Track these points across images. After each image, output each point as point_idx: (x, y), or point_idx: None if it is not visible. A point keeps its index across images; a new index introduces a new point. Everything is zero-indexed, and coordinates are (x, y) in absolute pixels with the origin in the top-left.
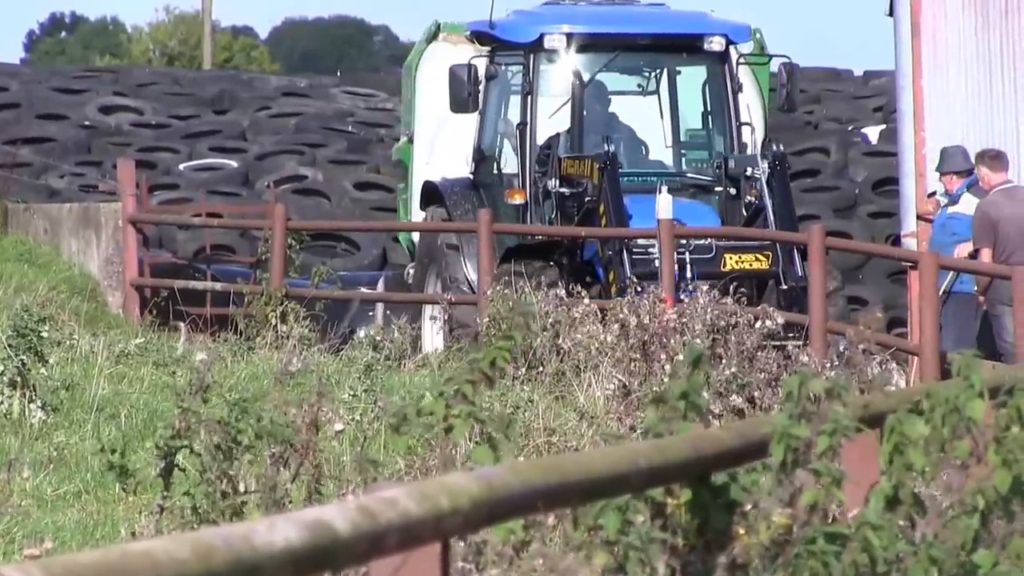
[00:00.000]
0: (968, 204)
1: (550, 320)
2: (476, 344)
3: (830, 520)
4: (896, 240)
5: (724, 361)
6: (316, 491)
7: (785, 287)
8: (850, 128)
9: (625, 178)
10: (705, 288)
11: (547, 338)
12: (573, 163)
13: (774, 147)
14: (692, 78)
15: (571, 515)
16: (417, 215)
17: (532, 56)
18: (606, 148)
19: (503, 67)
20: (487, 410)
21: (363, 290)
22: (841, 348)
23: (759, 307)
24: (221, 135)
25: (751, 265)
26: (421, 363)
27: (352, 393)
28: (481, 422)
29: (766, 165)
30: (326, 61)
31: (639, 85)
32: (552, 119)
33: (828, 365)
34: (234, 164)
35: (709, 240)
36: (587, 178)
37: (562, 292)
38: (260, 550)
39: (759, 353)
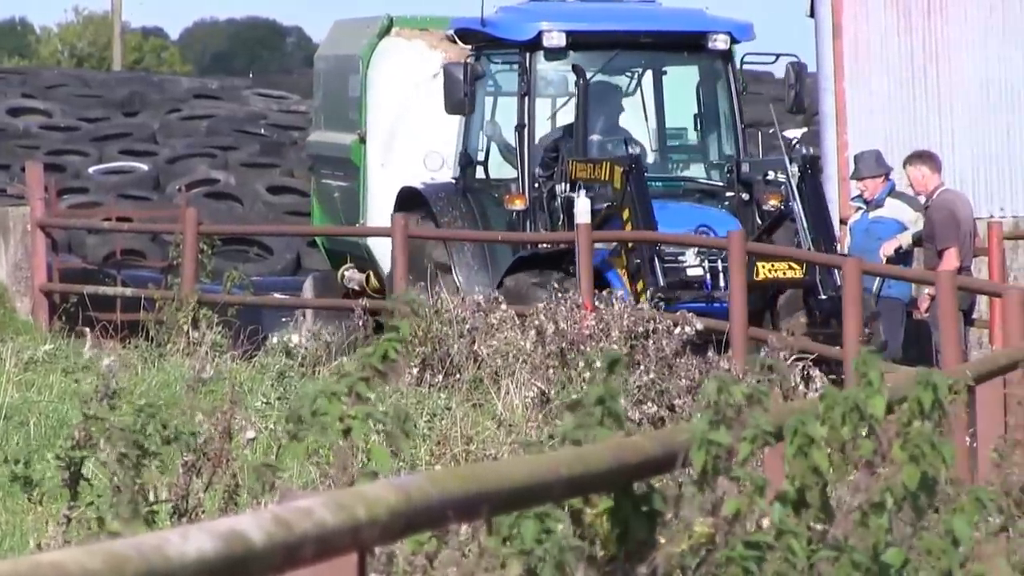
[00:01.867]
0: (892, 208)
1: (467, 326)
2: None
3: (752, 528)
4: None
5: (642, 368)
6: (231, 500)
7: (823, 296)
8: (771, 131)
9: None
10: (622, 294)
11: (464, 345)
12: (585, 166)
13: (803, 150)
14: (692, 78)
15: (486, 524)
16: (375, 219)
17: (529, 55)
18: (628, 150)
19: (490, 67)
20: (388, 411)
21: (277, 295)
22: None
23: (677, 313)
24: (131, 138)
25: (784, 274)
26: (337, 369)
27: (265, 401)
28: (378, 421)
29: (795, 169)
30: (238, 62)
31: (617, 86)
32: (540, 120)
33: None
34: (144, 167)
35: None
36: (603, 182)
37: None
38: (173, 560)
39: (678, 360)
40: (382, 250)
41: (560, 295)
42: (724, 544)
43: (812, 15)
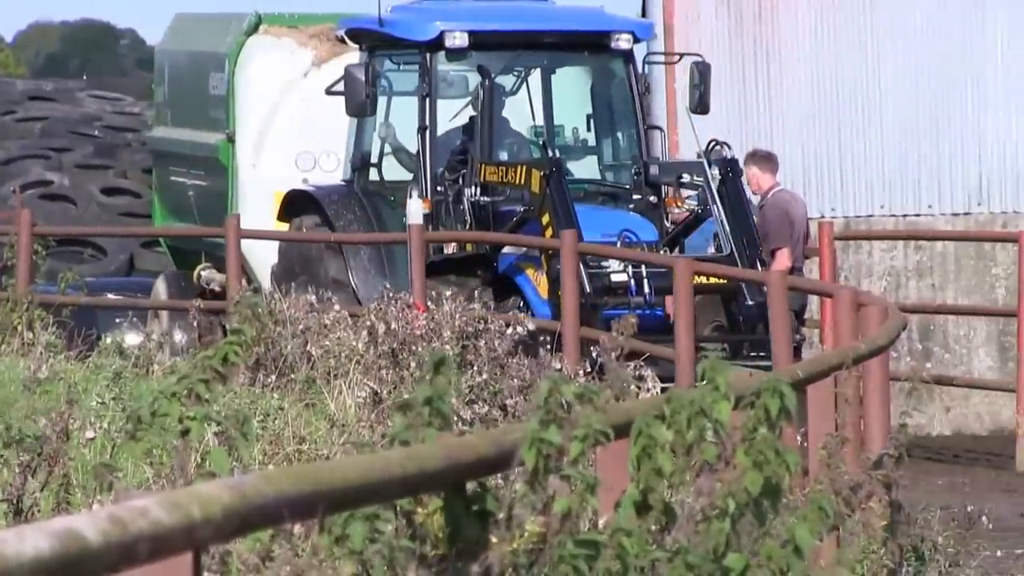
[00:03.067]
0: None
1: (300, 327)
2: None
3: (585, 527)
4: None
5: (475, 368)
6: (66, 500)
7: (750, 302)
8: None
9: None
10: (449, 293)
11: (297, 344)
12: (496, 170)
13: (724, 152)
14: (594, 79)
15: (318, 524)
16: (247, 220)
17: (430, 55)
18: (549, 153)
19: (383, 67)
20: (227, 413)
21: (111, 296)
22: (594, 355)
23: (509, 313)
24: None
25: (708, 279)
26: (170, 369)
27: (100, 401)
28: (217, 423)
29: (716, 172)
30: (72, 64)
31: (511, 88)
32: (436, 120)
33: (582, 372)
34: None
35: (663, 252)
36: (517, 186)
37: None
38: (10, 560)
39: (511, 360)
40: (259, 253)
41: (466, 300)
42: (555, 543)
43: (643, 16)
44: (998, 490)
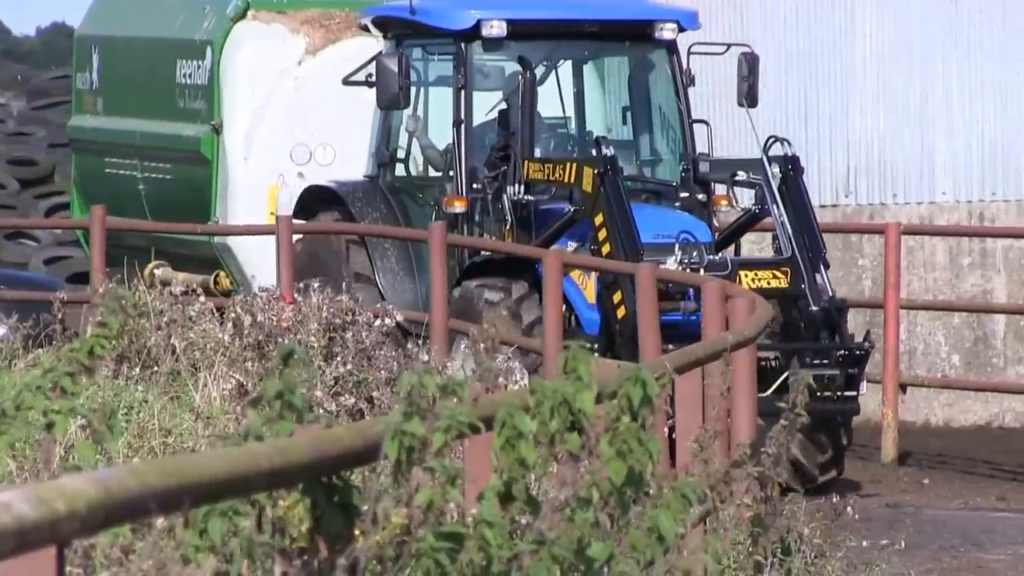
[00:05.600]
0: None
1: (165, 319)
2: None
3: (451, 519)
4: None
5: (339, 359)
6: None
7: (815, 307)
8: None
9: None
10: (316, 286)
11: (162, 337)
12: (542, 167)
13: (785, 149)
14: (636, 70)
15: (183, 518)
16: (239, 216)
17: (466, 45)
18: (603, 151)
19: (412, 58)
20: (92, 406)
21: None
22: (463, 347)
23: (377, 305)
24: None
25: (769, 283)
26: (33, 363)
27: None
28: (83, 416)
29: (776, 170)
30: None
31: (539, 78)
32: (472, 113)
33: (450, 364)
34: None
35: (722, 255)
36: (565, 184)
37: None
38: None
39: (378, 351)
40: (250, 249)
41: (509, 305)
42: (419, 535)
43: None
44: (864, 481)
